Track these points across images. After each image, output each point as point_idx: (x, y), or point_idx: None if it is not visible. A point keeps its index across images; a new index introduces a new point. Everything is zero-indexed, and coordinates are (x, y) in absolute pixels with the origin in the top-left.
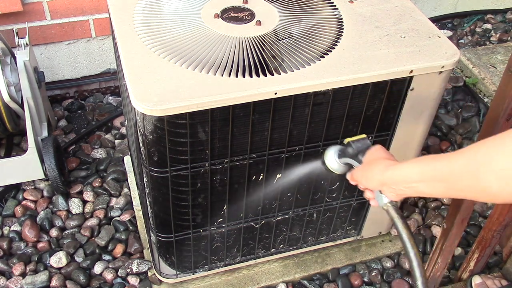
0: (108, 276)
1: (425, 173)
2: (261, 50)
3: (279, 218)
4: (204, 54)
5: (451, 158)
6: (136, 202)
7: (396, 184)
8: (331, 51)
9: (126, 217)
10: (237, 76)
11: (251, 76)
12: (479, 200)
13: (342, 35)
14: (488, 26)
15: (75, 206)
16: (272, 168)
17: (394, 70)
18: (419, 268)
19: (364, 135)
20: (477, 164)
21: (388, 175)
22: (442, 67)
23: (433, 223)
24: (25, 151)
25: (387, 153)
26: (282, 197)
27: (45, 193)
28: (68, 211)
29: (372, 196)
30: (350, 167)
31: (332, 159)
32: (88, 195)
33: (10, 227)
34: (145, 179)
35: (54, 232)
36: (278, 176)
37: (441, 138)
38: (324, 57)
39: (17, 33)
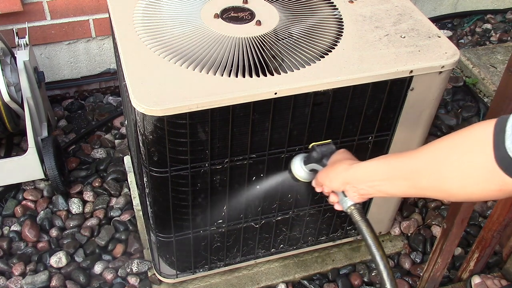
0: (108, 276)
1: (388, 171)
2: (261, 50)
3: (279, 218)
4: (204, 54)
5: (414, 156)
6: (136, 202)
7: (359, 183)
8: (331, 51)
9: (126, 217)
10: (237, 76)
11: (251, 76)
12: (440, 198)
13: (342, 35)
14: (488, 26)
15: (75, 206)
16: (272, 168)
17: (394, 70)
18: (387, 270)
19: (329, 140)
20: (439, 161)
21: (351, 173)
22: (442, 67)
23: (433, 223)
24: (25, 151)
25: (351, 155)
26: (282, 197)
27: (45, 193)
28: (68, 211)
29: (337, 200)
30: (315, 173)
31: (298, 166)
32: (88, 195)
33: (10, 227)
34: (145, 179)
35: (54, 232)
36: (246, 187)
37: None
38: (324, 57)
39: (17, 33)
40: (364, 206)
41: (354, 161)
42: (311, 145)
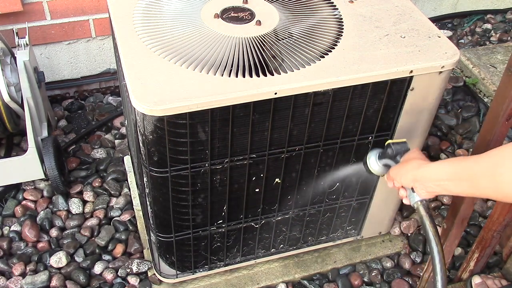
0: (108, 276)
1: (453, 172)
2: (261, 50)
3: (279, 218)
4: (204, 54)
5: (476, 159)
6: (136, 202)
7: (427, 181)
8: (331, 51)
9: (126, 217)
10: (237, 76)
11: (251, 76)
12: (497, 199)
13: (342, 35)
14: (488, 26)
15: (75, 206)
16: (272, 168)
17: (394, 70)
18: (441, 264)
19: (404, 139)
20: (496, 165)
21: (420, 172)
22: (442, 67)
23: None
24: (25, 151)
25: (422, 155)
26: (282, 198)
27: (45, 193)
28: (68, 211)
29: (405, 194)
30: (388, 168)
31: (373, 160)
32: (88, 195)
33: (10, 227)
34: (145, 179)
35: (54, 232)
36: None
37: (441, 138)
38: (324, 57)
39: (17, 33)
40: (364, 206)
41: (424, 161)
42: (387, 142)
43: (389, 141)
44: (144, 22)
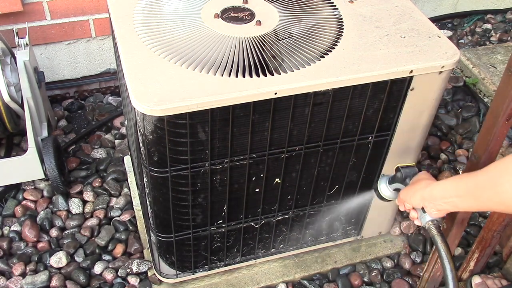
0: (108, 276)
1: (458, 188)
2: (261, 50)
3: (279, 218)
4: (204, 54)
5: (477, 173)
6: (136, 202)
7: (435, 200)
8: (331, 51)
9: (126, 217)
10: (237, 76)
11: (251, 76)
12: (501, 211)
13: (342, 35)
14: (488, 26)
15: (75, 206)
16: (272, 168)
17: (394, 70)
18: (453, 282)
19: (413, 163)
20: (498, 177)
21: (428, 191)
22: (442, 67)
23: None
24: (25, 151)
25: (430, 176)
26: (282, 198)
27: (45, 193)
28: (68, 211)
29: (416, 216)
30: (398, 192)
31: (384, 186)
32: (88, 195)
33: (10, 227)
34: (145, 179)
35: (54, 232)
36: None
37: (441, 138)
38: (324, 57)
39: (17, 33)
40: (365, 206)
41: (432, 181)
42: (396, 166)
43: (398, 165)
44: (144, 22)
